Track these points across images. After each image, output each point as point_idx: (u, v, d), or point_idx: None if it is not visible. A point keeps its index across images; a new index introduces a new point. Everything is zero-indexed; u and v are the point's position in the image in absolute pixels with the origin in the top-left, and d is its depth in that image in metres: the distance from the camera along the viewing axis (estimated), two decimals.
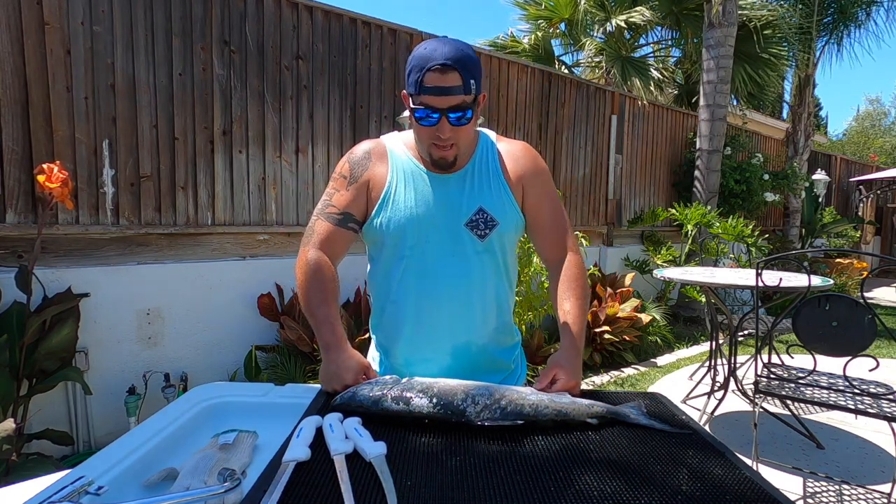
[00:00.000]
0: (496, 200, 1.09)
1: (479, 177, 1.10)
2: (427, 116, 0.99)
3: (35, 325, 2.17)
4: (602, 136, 5.42)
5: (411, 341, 1.11)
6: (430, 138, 1.02)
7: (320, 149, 3.37)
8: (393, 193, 1.09)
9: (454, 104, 0.97)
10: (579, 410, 0.84)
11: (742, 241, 4.96)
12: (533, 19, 7.63)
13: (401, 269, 1.09)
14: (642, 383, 3.75)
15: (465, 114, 0.99)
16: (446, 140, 1.01)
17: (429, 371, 1.10)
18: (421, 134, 1.05)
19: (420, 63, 0.98)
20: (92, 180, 2.57)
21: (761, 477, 0.66)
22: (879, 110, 24.28)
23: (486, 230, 1.07)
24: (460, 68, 0.96)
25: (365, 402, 0.83)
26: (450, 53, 0.96)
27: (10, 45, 2.32)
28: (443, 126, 0.99)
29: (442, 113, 0.98)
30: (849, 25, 7.71)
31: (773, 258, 2.54)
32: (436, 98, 0.97)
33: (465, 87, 0.97)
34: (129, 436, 0.76)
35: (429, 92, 0.97)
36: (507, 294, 1.16)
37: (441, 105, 0.97)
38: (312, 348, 2.95)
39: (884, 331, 2.13)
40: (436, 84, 0.96)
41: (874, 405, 2.04)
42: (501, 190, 1.10)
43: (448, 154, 1.04)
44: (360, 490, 0.60)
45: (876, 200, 11.05)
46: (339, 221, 1.10)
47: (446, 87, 0.96)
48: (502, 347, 1.18)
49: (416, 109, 1.00)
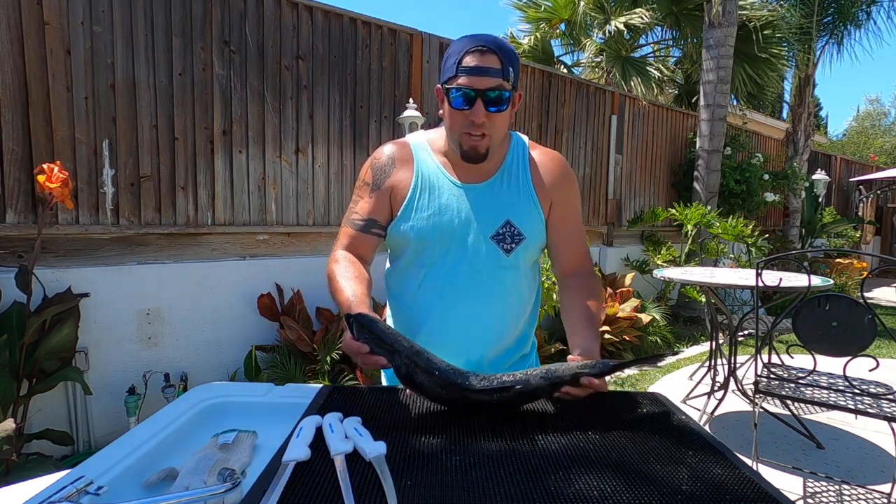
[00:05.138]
0: (524, 213, 1.05)
1: (508, 186, 1.07)
2: (463, 98, 0.96)
3: (35, 325, 2.16)
4: (602, 136, 5.42)
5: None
6: (464, 125, 0.99)
7: (320, 149, 3.37)
8: (417, 201, 1.05)
9: (491, 86, 0.95)
10: (568, 367, 0.86)
11: (742, 241, 4.96)
12: (532, 21, 7.64)
13: (420, 278, 1.07)
14: (642, 383, 3.75)
15: (502, 96, 0.97)
16: (480, 127, 0.98)
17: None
18: (454, 120, 1.01)
19: (460, 47, 0.97)
20: (92, 180, 2.57)
21: (761, 477, 0.66)
22: (879, 110, 24.29)
23: (513, 244, 1.04)
24: (500, 53, 0.96)
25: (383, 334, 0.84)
26: (490, 39, 0.97)
27: (10, 44, 2.32)
28: (478, 110, 0.96)
29: (478, 94, 0.95)
30: (849, 25, 7.71)
31: (773, 258, 2.54)
32: (473, 78, 0.95)
33: (504, 72, 0.96)
34: (128, 436, 0.76)
35: (467, 72, 0.95)
36: (527, 309, 1.13)
37: (478, 86, 0.95)
38: (312, 348, 2.95)
39: (884, 331, 2.13)
40: (475, 64, 0.95)
41: (874, 405, 2.04)
42: (530, 202, 1.06)
43: (480, 144, 1.00)
44: (360, 490, 0.60)
45: (876, 200, 11.05)
46: (363, 227, 1.08)
47: (485, 66, 0.95)
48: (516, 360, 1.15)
49: (450, 91, 0.98)
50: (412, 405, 0.87)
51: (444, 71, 1.00)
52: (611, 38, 6.76)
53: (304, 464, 0.65)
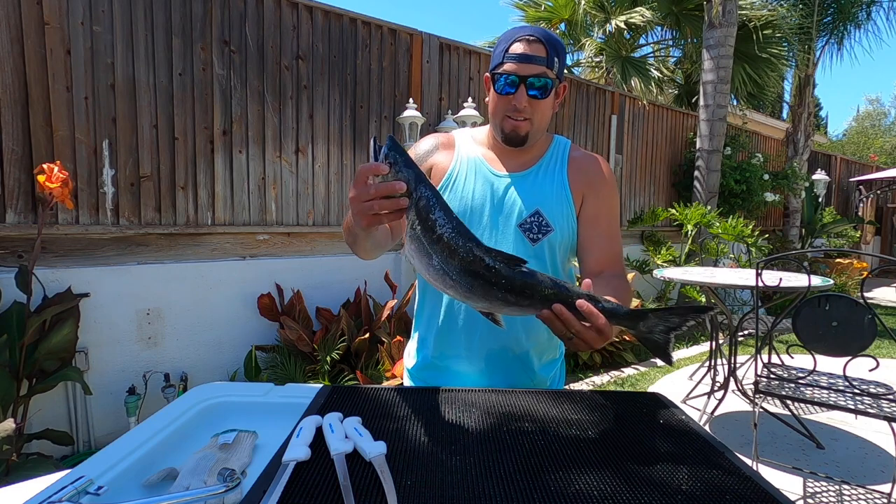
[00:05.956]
0: (555, 206, 1.05)
1: (543, 179, 1.08)
2: (507, 83, 1.00)
3: (35, 325, 2.17)
4: (602, 136, 5.42)
5: (445, 336, 1.09)
6: (507, 109, 1.02)
7: (320, 149, 3.37)
8: (453, 181, 1.08)
9: (535, 73, 0.99)
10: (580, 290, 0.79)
11: (742, 241, 4.96)
12: (532, 21, 7.63)
13: None
14: (642, 383, 3.74)
15: (546, 85, 1.00)
16: (522, 112, 1.01)
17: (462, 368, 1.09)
18: (498, 105, 1.04)
19: (509, 36, 1.01)
20: (92, 180, 2.57)
21: (761, 477, 0.66)
22: (879, 110, 24.31)
23: (540, 235, 1.04)
24: (547, 43, 0.99)
25: (407, 170, 0.74)
26: (539, 31, 1.01)
27: (10, 44, 2.32)
28: (520, 95, 1.00)
29: (522, 80, 0.99)
30: (848, 25, 7.71)
31: (773, 258, 2.54)
32: (519, 65, 0.99)
33: (549, 61, 0.99)
34: (129, 436, 0.76)
35: (513, 59, 0.99)
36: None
37: (523, 72, 0.99)
38: (312, 348, 2.95)
39: (884, 331, 2.13)
40: (521, 51, 0.99)
41: (874, 405, 2.04)
42: (563, 197, 1.07)
43: (521, 125, 1.03)
44: (360, 490, 0.60)
45: (876, 200, 11.05)
46: None
47: (530, 54, 0.98)
48: (544, 362, 1.13)
49: (496, 78, 1.02)
50: (412, 405, 0.87)
51: (492, 59, 1.04)
52: (611, 38, 6.76)
53: (304, 464, 0.65)
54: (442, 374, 1.12)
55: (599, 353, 4.10)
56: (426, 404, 0.86)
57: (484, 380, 1.09)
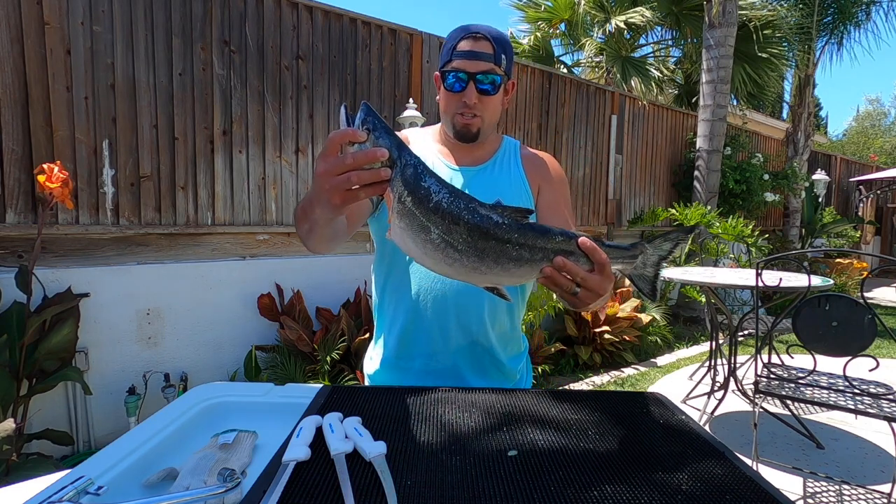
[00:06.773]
0: (515, 198, 1.08)
1: (499, 173, 1.11)
2: (456, 80, 1.02)
3: (35, 325, 2.17)
4: (602, 136, 5.42)
5: (412, 335, 1.08)
6: (457, 106, 1.04)
7: (320, 149, 3.36)
8: None
9: (483, 69, 1.00)
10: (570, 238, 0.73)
11: (742, 241, 4.97)
12: (532, 21, 7.64)
13: (406, 258, 1.07)
14: (642, 383, 3.75)
15: (493, 82, 1.02)
16: (471, 108, 1.03)
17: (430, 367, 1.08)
18: (448, 102, 1.06)
19: (456, 34, 1.03)
20: (92, 180, 2.57)
21: (761, 477, 0.66)
22: (879, 110, 24.32)
23: None
24: (493, 40, 1.01)
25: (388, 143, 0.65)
26: (485, 28, 1.03)
27: (10, 44, 2.32)
28: (469, 91, 1.02)
29: (470, 77, 1.01)
30: (848, 25, 7.71)
31: (773, 258, 2.54)
32: (466, 62, 1.00)
33: (496, 58, 1.01)
34: (129, 436, 0.76)
35: (460, 56, 1.01)
36: (517, 299, 1.13)
37: (470, 69, 1.00)
38: (312, 348, 2.95)
39: (884, 331, 2.13)
40: (469, 48, 1.01)
41: (874, 405, 2.04)
42: (522, 188, 1.10)
43: (472, 123, 1.05)
44: (360, 490, 0.60)
45: (876, 200, 11.05)
46: None
47: (477, 51, 1.00)
48: (510, 355, 1.15)
49: (445, 76, 1.03)
50: (413, 405, 0.87)
51: (441, 58, 1.06)
52: (611, 38, 6.76)
53: (304, 464, 0.65)
54: (405, 374, 1.11)
55: (599, 352, 4.10)
56: (426, 404, 0.86)
57: (453, 378, 1.09)
